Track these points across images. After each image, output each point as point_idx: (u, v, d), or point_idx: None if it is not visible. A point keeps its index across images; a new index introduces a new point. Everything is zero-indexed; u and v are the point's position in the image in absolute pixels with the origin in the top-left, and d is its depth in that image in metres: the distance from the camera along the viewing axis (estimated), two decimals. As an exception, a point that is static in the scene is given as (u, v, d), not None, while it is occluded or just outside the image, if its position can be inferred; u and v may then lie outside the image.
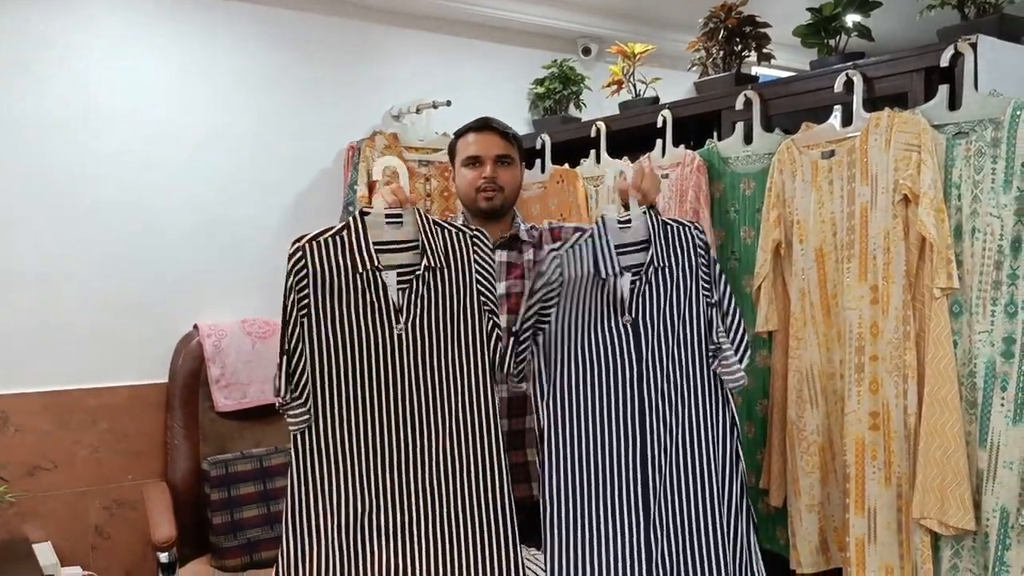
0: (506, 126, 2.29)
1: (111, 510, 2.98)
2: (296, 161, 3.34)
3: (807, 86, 2.40)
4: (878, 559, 2.05)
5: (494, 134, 2.24)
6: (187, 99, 3.12)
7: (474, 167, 2.22)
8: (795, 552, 2.25)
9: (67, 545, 2.89)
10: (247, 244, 3.21)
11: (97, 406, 2.96)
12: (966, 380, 1.94)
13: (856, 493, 2.08)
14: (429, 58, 3.63)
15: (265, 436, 3.00)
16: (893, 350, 2.03)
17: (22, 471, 2.83)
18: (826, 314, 2.23)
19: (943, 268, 1.93)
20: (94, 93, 2.95)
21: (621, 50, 3.23)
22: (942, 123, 2.00)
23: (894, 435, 2.03)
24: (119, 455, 2.99)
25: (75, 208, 2.93)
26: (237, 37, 3.21)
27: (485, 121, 2.27)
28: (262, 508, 2.78)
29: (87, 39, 2.94)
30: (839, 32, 2.43)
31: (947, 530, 1.92)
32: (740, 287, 2.53)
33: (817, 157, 2.24)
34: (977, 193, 1.92)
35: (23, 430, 2.84)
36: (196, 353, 2.98)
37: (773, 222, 2.33)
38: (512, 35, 3.83)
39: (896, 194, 2.02)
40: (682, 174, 2.63)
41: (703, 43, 2.80)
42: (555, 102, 3.72)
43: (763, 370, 2.46)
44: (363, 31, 3.48)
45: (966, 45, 1.97)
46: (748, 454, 2.50)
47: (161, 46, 3.07)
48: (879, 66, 2.19)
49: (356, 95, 3.47)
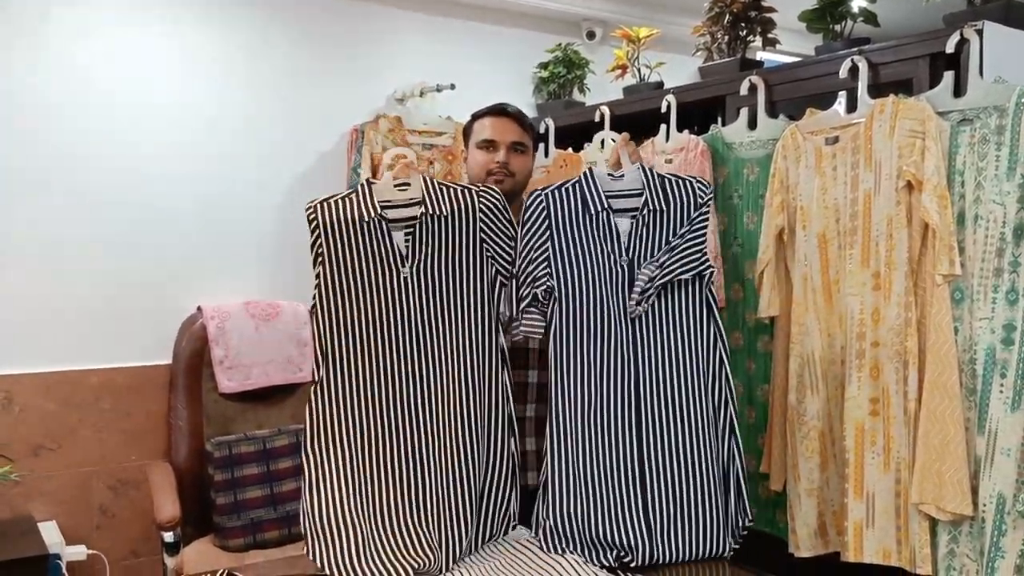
0: (523, 114, 2.29)
1: (115, 490, 3.00)
2: (299, 144, 3.34)
3: (812, 72, 2.39)
4: (876, 543, 2.06)
5: (511, 120, 2.25)
6: (190, 81, 3.12)
7: (488, 151, 2.23)
8: (794, 536, 2.26)
9: (72, 524, 2.91)
10: (250, 227, 3.22)
11: (101, 386, 2.97)
12: (966, 367, 1.94)
13: (855, 478, 2.09)
14: (433, 41, 3.62)
15: (268, 418, 3.02)
16: (894, 336, 2.04)
17: (27, 450, 2.85)
18: (828, 300, 2.23)
19: (945, 255, 1.93)
20: (96, 74, 2.95)
21: (626, 34, 3.22)
22: (947, 110, 2.00)
23: (894, 421, 2.04)
24: (123, 435, 3.01)
25: (79, 191, 2.93)
26: (239, 19, 3.20)
27: (503, 107, 2.27)
28: (265, 489, 2.79)
29: (89, 20, 2.93)
30: (844, 17, 2.42)
31: (945, 515, 1.93)
32: (743, 272, 2.53)
33: (821, 143, 2.24)
34: (980, 180, 1.92)
35: (27, 410, 2.86)
36: (200, 334, 2.99)
37: (776, 208, 2.33)
38: (517, 18, 3.82)
39: (900, 181, 2.02)
40: (686, 159, 2.63)
41: (708, 28, 2.79)
42: (559, 86, 3.71)
43: (764, 355, 2.47)
44: (367, 13, 3.47)
45: (972, 31, 1.97)
46: (749, 439, 2.51)
47: (163, 28, 3.07)
48: (884, 52, 2.19)
49: (359, 78, 3.46)
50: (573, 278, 1.92)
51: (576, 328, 1.92)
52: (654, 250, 1.93)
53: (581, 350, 1.92)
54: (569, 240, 1.92)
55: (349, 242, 1.84)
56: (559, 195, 1.95)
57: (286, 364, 3.08)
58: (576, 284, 1.92)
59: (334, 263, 1.84)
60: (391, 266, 1.85)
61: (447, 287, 1.88)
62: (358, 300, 1.84)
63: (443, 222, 1.88)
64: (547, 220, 1.92)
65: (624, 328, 1.92)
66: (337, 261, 1.84)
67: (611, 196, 1.95)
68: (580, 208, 1.93)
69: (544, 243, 1.91)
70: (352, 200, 1.87)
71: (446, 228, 1.89)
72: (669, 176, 1.99)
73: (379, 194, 1.87)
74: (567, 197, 1.95)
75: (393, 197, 1.88)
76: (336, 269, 1.84)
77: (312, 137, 3.36)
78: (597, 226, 1.93)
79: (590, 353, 1.92)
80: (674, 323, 1.94)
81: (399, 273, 1.85)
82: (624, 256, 1.91)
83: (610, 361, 1.92)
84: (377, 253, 1.85)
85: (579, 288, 1.92)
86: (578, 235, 1.93)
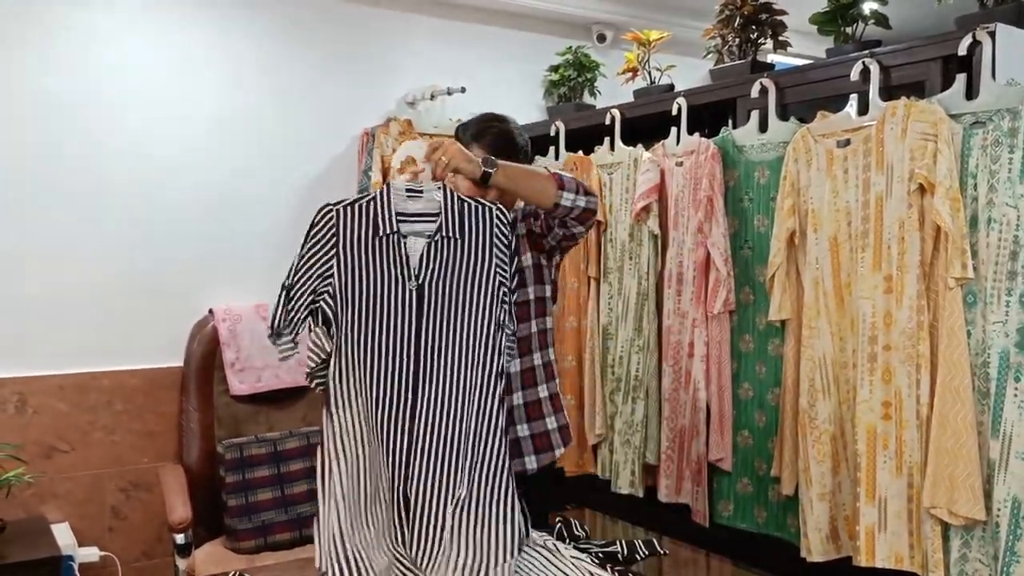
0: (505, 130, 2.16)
1: (127, 492, 3.01)
2: (310, 147, 3.35)
3: (823, 74, 2.39)
4: (888, 548, 2.05)
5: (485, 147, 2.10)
6: (201, 84, 3.14)
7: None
8: (805, 540, 2.25)
9: (84, 526, 2.92)
10: (261, 229, 3.23)
11: (113, 389, 2.99)
12: (979, 370, 1.93)
13: (867, 482, 2.08)
14: (443, 44, 3.63)
15: (279, 420, 3.03)
16: (907, 340, 2.03)
17: (40, 452, 2.86)
18: (839, 303, 2.23)
19: (958, 258, 1.92)
20: (108, 76, 2.97)
21: (636, 37, 3.22)
22: (959, 112, 1.99)
23: (906, 424, 2.03)
24: (135, 437, 3.02)
25: (91, 192, 2.95)
26: (250, 21, 3.22)
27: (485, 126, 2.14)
28: (276, 491, 2.80)
29: (100, 21, 2.95)
30: (856, 20, 2.41)
31: (957, 519, 1.92)
32: (753, 276, 2.53)
33: (832, 146, 2.23)
34: (993, 183, 1.91)
35: (40, 412, 2.87)
36: (211, 337, 3.00)
37: (787, 211, 2.33)
38: (527, 21, 3.82)
39: (912, 183, 2.02)
40: (696, 162, 2.63)
41: (719, 30, 2.79)
42: (570, 89, 3.71)
43: (775, 359, 2.46)
44: (378, 17, 3.48)
45: (984, 34, 1.96)
46: (760, 442, 2.51)
47: (174, 30, 3.08)
48: (896, 54, 2.18)
49: (370, 81, 3.47)
50: (355, 299, 1.81)
51: (358, 350, 1.81)
52: (447, 275, 1.83)
53: (362, 373, 1.81)
54: (355, 260, 1.81)
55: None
56: (351, 212, 1.83)
57: (297, 367, 3.08)
58: (359, 306, 1.81)
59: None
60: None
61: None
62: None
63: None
64: (334, 237, 1.80)
65: (408, 351, 1.81)
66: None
67: (404, 218, 1.82)
68: (371, 228, 1.81)
69: (328, 260, 1.81)
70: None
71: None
72: (470, 201, 1.85)
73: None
74: (359, 214, 1.83)
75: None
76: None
77: (323, 140, 3.38)
78: (387, 247, 1.82)
79: (370, 377, 1.81)
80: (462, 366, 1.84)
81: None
82: (412, 280, 1.81)
83: (392, 388, 1.81)
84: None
85: (362, 310, 1.81)
86: (365, 255, 1.82)
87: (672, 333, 2.73)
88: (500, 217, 1.85)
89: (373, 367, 1.81)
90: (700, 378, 2.60)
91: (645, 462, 2.83)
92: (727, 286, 2.52)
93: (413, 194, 1.84)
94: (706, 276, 2.59)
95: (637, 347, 2.84)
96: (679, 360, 2.71)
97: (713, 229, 2.54)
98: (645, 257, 2.81)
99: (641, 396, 2.83)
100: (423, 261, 1.81)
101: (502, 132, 2.16)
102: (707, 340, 2.59)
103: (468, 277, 1.84)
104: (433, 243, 1.82)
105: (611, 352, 2.96)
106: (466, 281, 1.83)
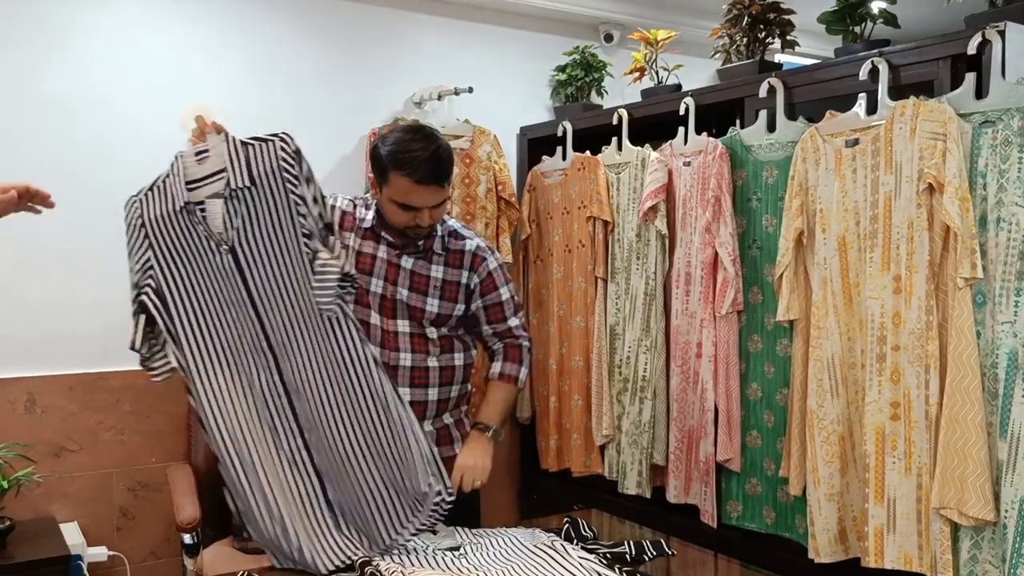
0: (445, 167, 2.09)
1: (136, 491, 3.02)
2: (316, 147, 3.29)
3: (832, 74, 2.38)
4: (897, 549, 2.05)
5: (435, 187, 2.07)
6: (207, 83, 3.14)
7: (407, 211, 2.09)
8: (814, 541, 2.25)
9: (93, 525, 2.93)
10: (269, 230, 3.23)
11: (122, 389, 2.99)
12: (988, 371, 1.92)
13: (875, 483, 2.08)
14: (451, 44, 3.63)
15: (287, 420, 3.03)
16: (916, 340, 2.02)
17: (48, 452, 2.87)
18: (848, 303, 2.22)
19: (967, 258, 1.91)
20: (116, 78, 2.97)
21: (643, 37, 3.21)
22: (968, 112, 1.98)
23: (915, 425, 2.02)
24: (143, 437, 3.03)
25: (100, 194, 2.95)
26: (257, 21, 3.22)
27: (426, 173, 2.05)
28: (284, 491, 2.80)
29: (108, 20, 2.96)
30: (864, 19, 2.41)
31: (966, 520, 1.92)
32: (761, 276, 2.52)
33: (841, 145, 2.23)
34: (1003, 183, 1.91)
35: (49, 411, 2.88)
36: (219, 337, 3.00)
37: (796, 211, 2.32)
38: (534, 21, 3.82)
39: (921, 183, 2.01)
40: (704, 162, 2.62)
41: (726, 30, 2.78)
42: (577, 89, 3.71)
43: (784, 359, 2.46)
44: (385, 17, 3.48)
45: (994, 32, 1.95)
46: (768, 443, 2.50)
47: (181, 29, 3.09)
48: (905, 54, 2.17)
49: (377, 81, 3.47)
50: (177, 280, 1.79)
51: (201, 336, 1.81)
52: (252, 228, 1.77)
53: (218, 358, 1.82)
54: (165, 241, 1.78)
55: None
56: (151, 197, 1.79)
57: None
58: (181, 285, 1.79)
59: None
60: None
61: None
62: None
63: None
64: (143, 227, 1.77)
65: (249, 316, 1.80)
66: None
67: (197, 184, 1.76)
68: (170, 205, 1.77)
69: (145, 251, 1.78)
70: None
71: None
72: (252, 143, 1.80)
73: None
74: (158, 196, 1.78)
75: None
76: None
77: (330, 140, 3.37)
78: (188, 221, 1.77)
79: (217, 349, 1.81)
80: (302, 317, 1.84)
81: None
82: (223, 246, 1.76)
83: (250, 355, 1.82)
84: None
85: (189, 293, 1.80)
86: (174, 234, 1.78)
87: (680, 333, 2.73)
88: (284, 148, 1.80)
89: (224, 346, 1.80)
90: (708, 378, 2.59)
91: (652, 463, 2.83)
92: (735, 286, 2.52)
93: (202, 155, 1.78)
94: (714, 276, 2.59)
95: (644, 347, 2.84)
96: (687, 360, 2.70)
97: (721, 229, 2.54)
98: (652, 257, 2.81)
99: (649, 396, 2.82)
100: (225, 222, 1.75)
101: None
102: (715, 340, 2.58)
103: (272, 221, 1.78)
104: (228, 200, 1.75)
105: (618, 352, 2.95)
106: (272, 226, 1.78)
